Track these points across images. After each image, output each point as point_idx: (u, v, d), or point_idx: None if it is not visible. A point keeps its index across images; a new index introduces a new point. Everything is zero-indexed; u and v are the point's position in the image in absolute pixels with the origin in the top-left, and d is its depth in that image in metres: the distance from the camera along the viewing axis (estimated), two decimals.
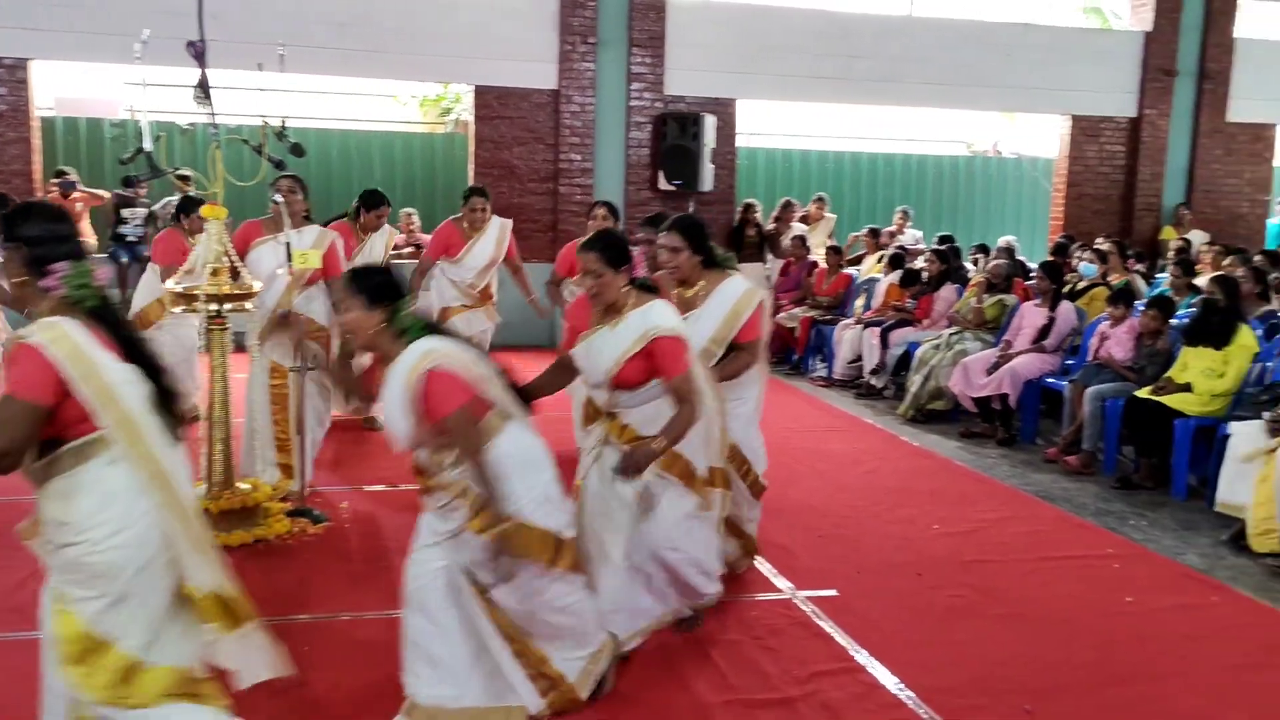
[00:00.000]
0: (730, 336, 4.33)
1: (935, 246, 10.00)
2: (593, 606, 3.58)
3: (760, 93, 11.90)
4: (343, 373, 3.91)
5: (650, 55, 11.20)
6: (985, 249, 10.79)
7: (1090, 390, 6.78)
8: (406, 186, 12.21)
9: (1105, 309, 7.36)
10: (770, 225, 11.61)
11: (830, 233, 12.32)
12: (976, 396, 7.62)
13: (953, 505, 6.04)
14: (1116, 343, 7.02)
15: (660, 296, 3.89)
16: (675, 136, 11.03)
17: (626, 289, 3.73)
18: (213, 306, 5.01)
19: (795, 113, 14.64)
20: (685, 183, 11.07)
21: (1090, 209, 12.85)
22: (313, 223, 5.91)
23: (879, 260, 10.78)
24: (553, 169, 11.15)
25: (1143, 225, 12.82)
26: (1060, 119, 12.88)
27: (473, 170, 11.07)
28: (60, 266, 2.56)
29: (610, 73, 11.15)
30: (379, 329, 3.19)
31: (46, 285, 2.57)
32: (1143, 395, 6.39)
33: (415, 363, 3.11)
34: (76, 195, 10.36)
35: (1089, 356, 7.23)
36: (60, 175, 10.38)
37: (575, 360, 3.85)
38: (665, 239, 4.33)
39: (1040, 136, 14.80)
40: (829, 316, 10.13)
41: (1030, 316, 7.77)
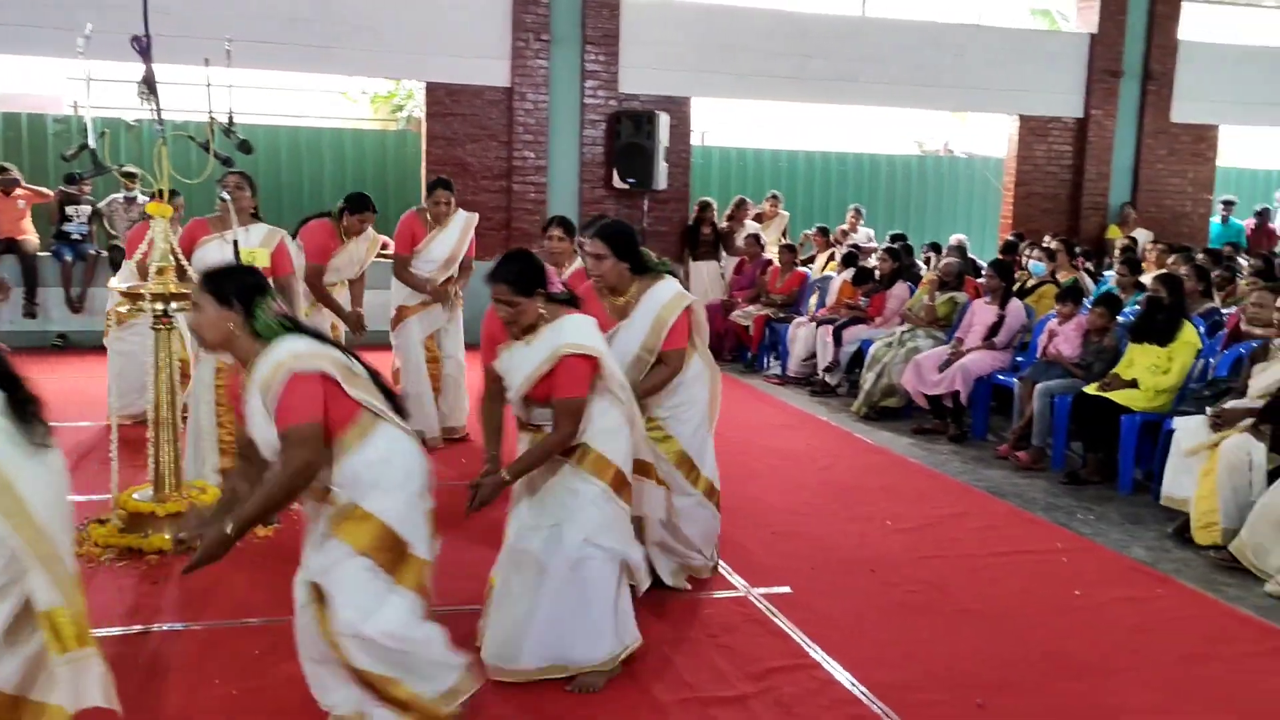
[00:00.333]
0: (660, 343, 4.17)
1: (888, 245, 10.08)
2: (434, 642, 3.20)
3: (715, 91, 11.92)
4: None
5: (604, 53, 11.17)
6: (937, 247, 10.90)
7: (1039, 387, 6.87)
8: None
9: (1054, 306, 7.46)
10: (724, 224, 11.66)
11: (784, 231, 12.40)
12: (929, 394, 7.69)
13: (906, 502, 6.09)
14: (1065, 340, 7.12)
15: (583, 308, 3.76)
16: (629, 135, 11.02)
17: (543, 307, 3.63)
18: (159, 306, 4.93)
19: (750, 111, 14.69)
20: (639, 181, 11.07)
21: (1039, 208, 13.02)
22: (261, 220, 5.82)
23: (831, 258, 10.86)
24: (506, 167, 11.09)
25: (1089, 224, 13.03)
26: (1009, 119, 13.04)
27: (425, 168, 10.98)
28: None
29: (564, 70, 11.12)
30: (234, 330, 3.00)
31: None
32: (1090, 391, 6.48)
33: (278, 363, 2.94)
34: (19, 192, 10.15)
35: (1038, 353, 7.33)
36: (2, 171, 10.15)
37: (497, 371, 3.77)
38: (590, 246, 4.18)
39: (990, 136, 14.98)
40: (783, 314, 10.17)
41: (981, 314, 7.85)
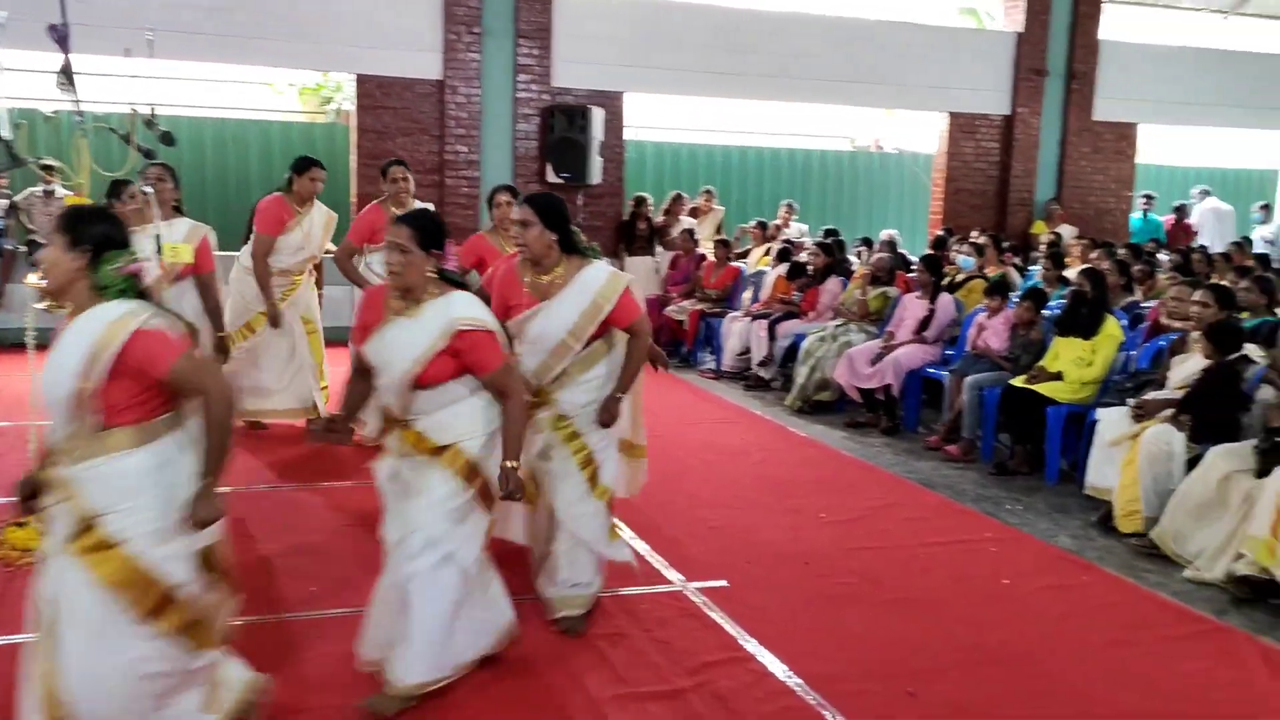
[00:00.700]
0: (591, 329, 3.98)
1: (820, 240, 10.17)
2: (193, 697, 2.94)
3: (648, 86, 11.90)
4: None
5: (537, 46, 11.10)
6: (869, 242, 11.01)
7: (968, 379, 6.99)
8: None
9: (982, 301, 7.59)
10: (660, 219, 11.66)
11: (719, 226, 12.44)
12: (861, 387, 7.77)
13: (839, 494, 6.15)
14: (993, 333, 7.24)
15: (496, 290, 3.62)
16: (563, 129, 10.97)
17: (430, 278, 3.44)
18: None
19: (683, 106, 14.71)
20: (573, 175, 11.02)
21: (967, 203, 13.24)
22: (184, 214, 5.69)
23: (766, 253, 10.93)
24: (438, 160, 10.96)
25: (1016, 219, 13.28)
26: (939, 116, 13.23)
27: (355, 161, 10.82)
28: None
29: (496, 63, 11.02)
30: (77, 275, 2.81)
31: None
32: (1018, 384, 6.60)
33: (117, 319, 2.75)
34: None
35: (967, 346, 7.45)
36: None
37: (368, 357, 3.53)
38: (518, 213, 3.99)
39: (920, 133, 15.18)
40: (717, 309, 10.22)
41: (912, 308, 7.96)
